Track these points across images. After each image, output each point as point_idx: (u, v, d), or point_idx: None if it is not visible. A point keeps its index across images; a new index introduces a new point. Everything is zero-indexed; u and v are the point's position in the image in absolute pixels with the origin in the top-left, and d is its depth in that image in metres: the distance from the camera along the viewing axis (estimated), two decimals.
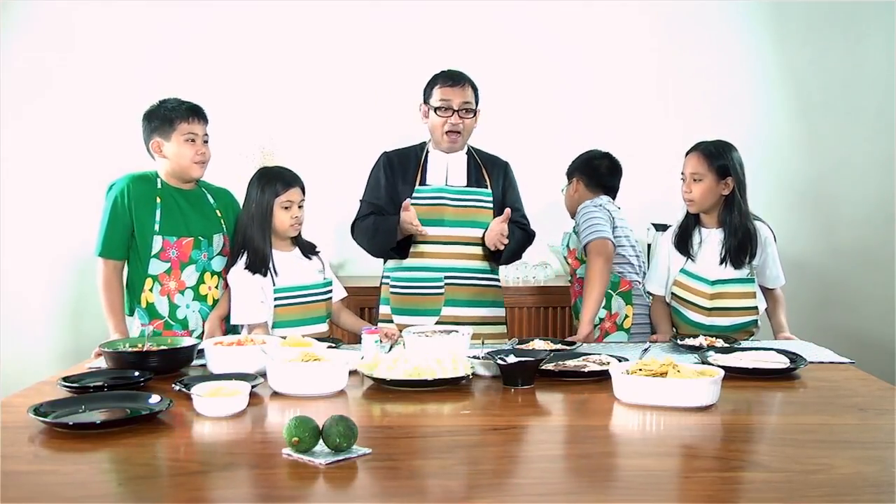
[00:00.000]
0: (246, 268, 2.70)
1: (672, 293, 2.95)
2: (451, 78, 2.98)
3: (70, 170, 4.15)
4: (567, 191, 3.17)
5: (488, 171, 3.07)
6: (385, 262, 3.10)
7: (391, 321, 3.02)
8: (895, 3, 4.27)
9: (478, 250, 3.02)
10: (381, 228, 2.95)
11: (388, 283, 3.06)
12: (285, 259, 2.77)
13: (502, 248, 2.90)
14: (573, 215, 3.13)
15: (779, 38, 4.34)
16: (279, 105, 4.25)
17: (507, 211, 2.91)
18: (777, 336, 2.92)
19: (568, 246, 3.14)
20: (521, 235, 3.04)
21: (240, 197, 2.94)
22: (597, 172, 3.11)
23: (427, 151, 3.07)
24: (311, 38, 4.26)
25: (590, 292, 2.85)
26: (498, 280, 3.14)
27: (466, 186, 3.02)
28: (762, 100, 4.35)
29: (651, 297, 3.07)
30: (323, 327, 2.80)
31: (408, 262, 3.00)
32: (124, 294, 2.77)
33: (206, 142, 2.78)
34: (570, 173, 3.17)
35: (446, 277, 2.98)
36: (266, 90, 4.24)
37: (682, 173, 2.90)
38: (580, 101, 4.28)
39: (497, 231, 2.88)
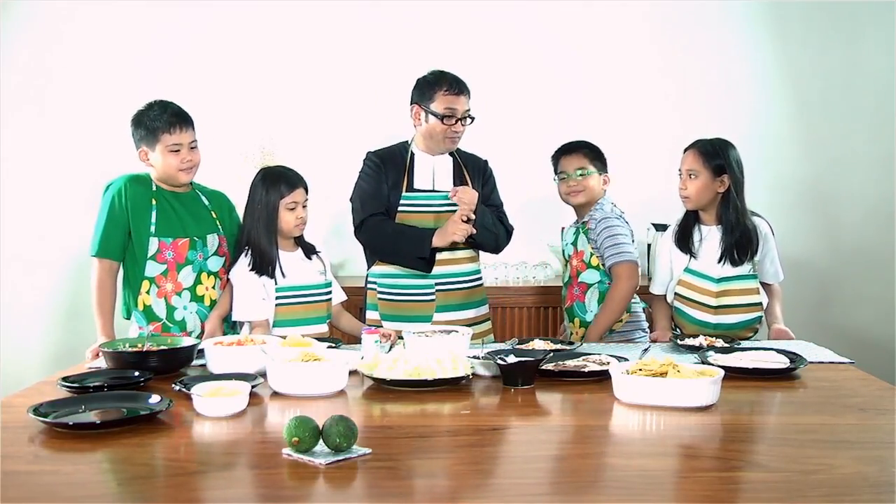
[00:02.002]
0: (251, 269, 2.70)
1: (676, 293, 2.95)
2: (457, 85, 2.94)
3: (68, 170, 4.15)
4: (592, 179, 2.99)
5: (469, 171, 3.06)
6: (369, 268, 3.06)
7: (380, 326, 2.98)
8: (895, 3, 4.27)
9: (465, 253, 3.02)
10: (411, 237, 2.89)
11: (374, 289, 3.03)
12: (288, 259, 2.78)
13: (465, 218, 2.85)
14: (587, 207, 3.02)
15: (779, 38, 4.34)
16: (279, 105, 4.24)
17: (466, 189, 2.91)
18: (770, 327, 2.90)
19: (575, 245, 3.03)
20: (497, 224, 3.01)
21: (237, 197, 2.94)
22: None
23: (412, 154, 3.03)
24: (310, 37, 4.25)
25: (609, 313, 2.88)
26: (481, 277, 3.13)
27: None
28: (762, 100, 4.35)
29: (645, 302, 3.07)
30: (322, 328, 2.80)
31: (395, 269, 2.98)
32: (117, 296, 2.76)
33: (193, 147, 2.74)
34: (599, 163, 3.03)
35: (437, 284, 2.96)
36: (266, 90, 4.23)
37: (679, 169, 2.91)
38: (580, 101, 4.28)
39: (462, 195, 2.86)
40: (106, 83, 4.16)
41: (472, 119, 2.99)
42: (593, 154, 3.04)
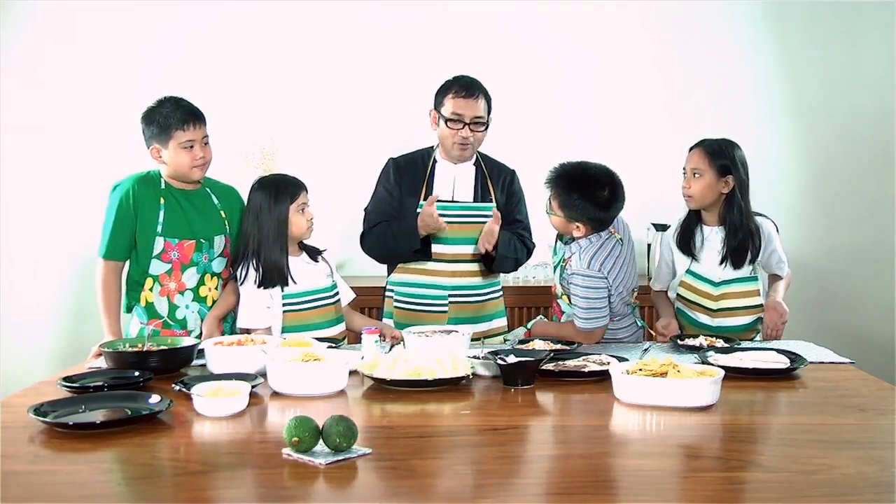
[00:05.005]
0: (260, 284, 2.64)
1: (678, 294, 2.94)
2: (465, 88, 2.84)
3: (71, 170, 4.15)
4: (571, 227, 2.77)
5: (493, 180, 2.98)
6: (389, 275, 3.01)
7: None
8: (895, 3, 4.28)
9: (481, 267, 2.95)
10: (398, 232, 2.85)
11: (391, 297, 2.99)
12: (294, 264, 2.72)
13: (485, 250, 2.81)
14: (563, 235, 2.88)
15: (779, 38, 4.34)
16: (280, 106, 4.25)
17: (498, 214, 2.82)
18: (767, 297, 2.87)
19: (555, 271, 2.89)
20: (519, 247, 2.95)
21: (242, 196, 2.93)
22: (601, 209, 2.71)
23: (435, 161, 2.96)
24: (312, 38, 4.26)
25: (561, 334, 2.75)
26: (500, 290, 3.07)
27: (472, 202, 2.93)
28: (762, 100, 4.35)
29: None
30: (336, 329, 2.76)
31: (414, 277, 2.93)
32: (122, 294, 2.76)
33: (206, 144, 2.73)
34: (573, 214, 2.73)
35: (451, 296, 2.91)
36: (267, 90, 4.24)
37: (684, 168, 2.89)
38: (581, 102, 4.28)
39: (486, 232, 2.80)
40: (107, 83, 4.16)
41: (486, 126, 2.88)
42: (569, 209, 2.72)
